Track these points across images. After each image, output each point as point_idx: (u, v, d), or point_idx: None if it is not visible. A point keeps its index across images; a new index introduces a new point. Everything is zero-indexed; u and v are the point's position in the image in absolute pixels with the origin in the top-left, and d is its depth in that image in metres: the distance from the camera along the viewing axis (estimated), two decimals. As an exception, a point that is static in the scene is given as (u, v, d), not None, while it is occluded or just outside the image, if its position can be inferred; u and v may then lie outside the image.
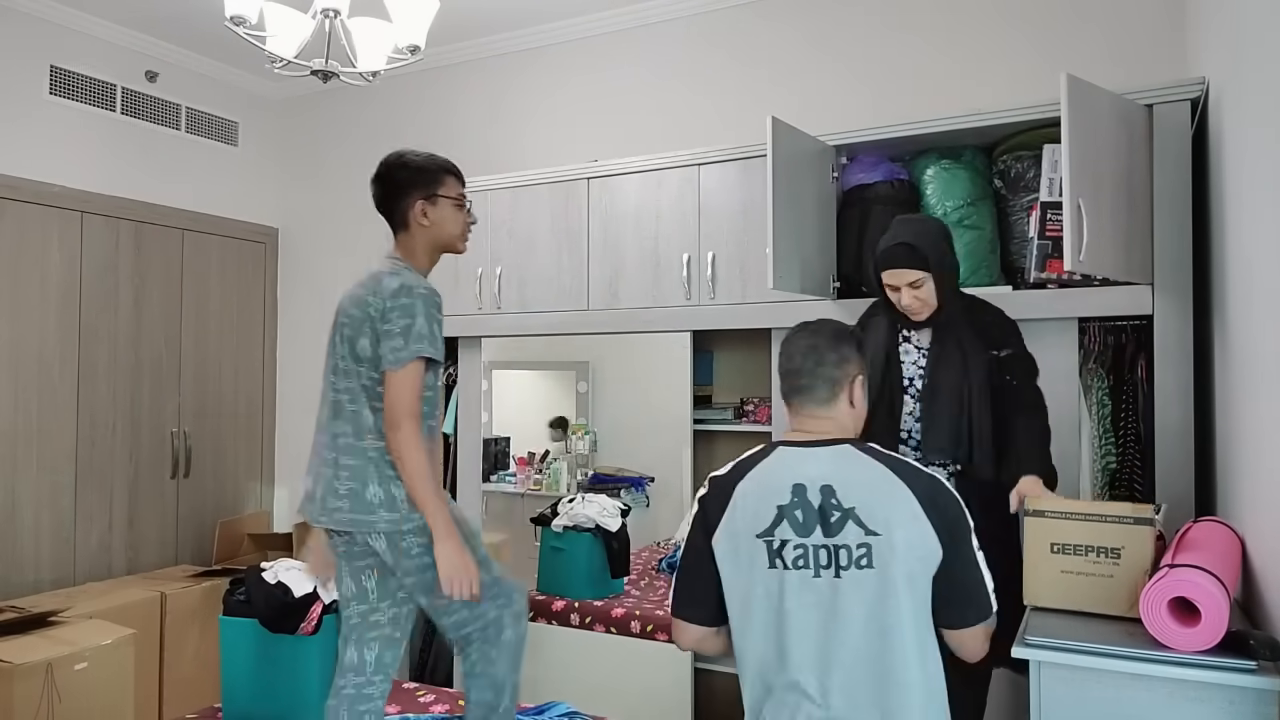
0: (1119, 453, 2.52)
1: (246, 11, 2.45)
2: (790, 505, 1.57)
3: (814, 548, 1.55)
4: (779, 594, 1.57)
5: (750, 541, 1.59)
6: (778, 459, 1.64)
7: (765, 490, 1.60)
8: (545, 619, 3.47)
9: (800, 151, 2.65)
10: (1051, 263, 2.46)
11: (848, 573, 1.53)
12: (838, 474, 1.58)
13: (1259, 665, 1.44)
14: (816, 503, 1.56)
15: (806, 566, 1.55)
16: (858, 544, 1.53)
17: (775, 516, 1.58)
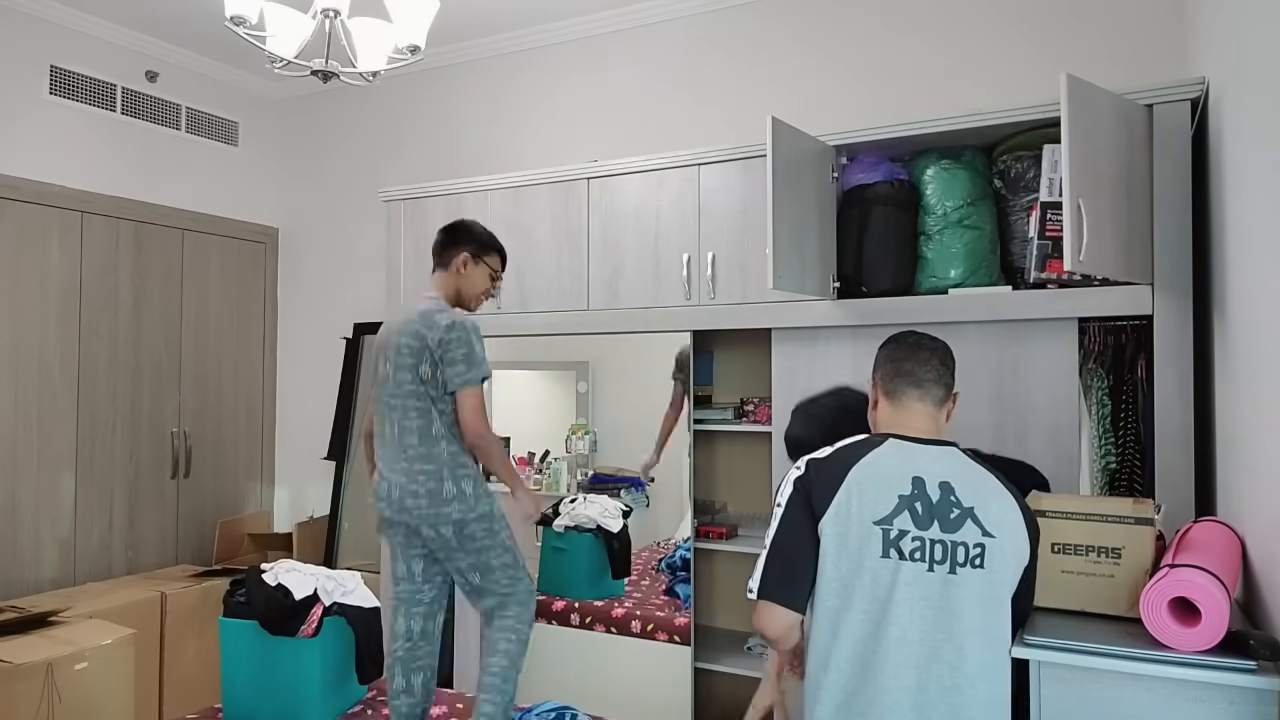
0: (1119, 453, 2.52)
1: (246, 11, 2.45)
2: (911, 496, 1.57)
3: (931, 541, 1.56)
4: (890, 584, 1.56)
5: (865, 527, 1.58)
6: (893, 450, 1.64)
7: (885, 478, 1.60)
8: (546, 619, 3.46)
9: (800, 151, 2.65)
10: (1051, 263, 2.45)
11: (963, 570, 1.55)
12: (955, 472, 1.60)
13: (1259, 665, 1.44)
14: (935, 498, 1.57)
15: (922, 559, 1.55)
16: (974, 543, 1.55)
17: (896, 505, 1.58)
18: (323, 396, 4.47)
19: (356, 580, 2.82)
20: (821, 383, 2.82)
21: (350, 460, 4.37)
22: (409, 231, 3.63)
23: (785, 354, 2.90)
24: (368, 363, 2.71)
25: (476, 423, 2.48)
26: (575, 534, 3.38)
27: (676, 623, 3.16)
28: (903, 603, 1.55)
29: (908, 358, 1.74)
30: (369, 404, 2.71)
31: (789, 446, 2.21)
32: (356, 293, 4.41)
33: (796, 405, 2.33)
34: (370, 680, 2.80)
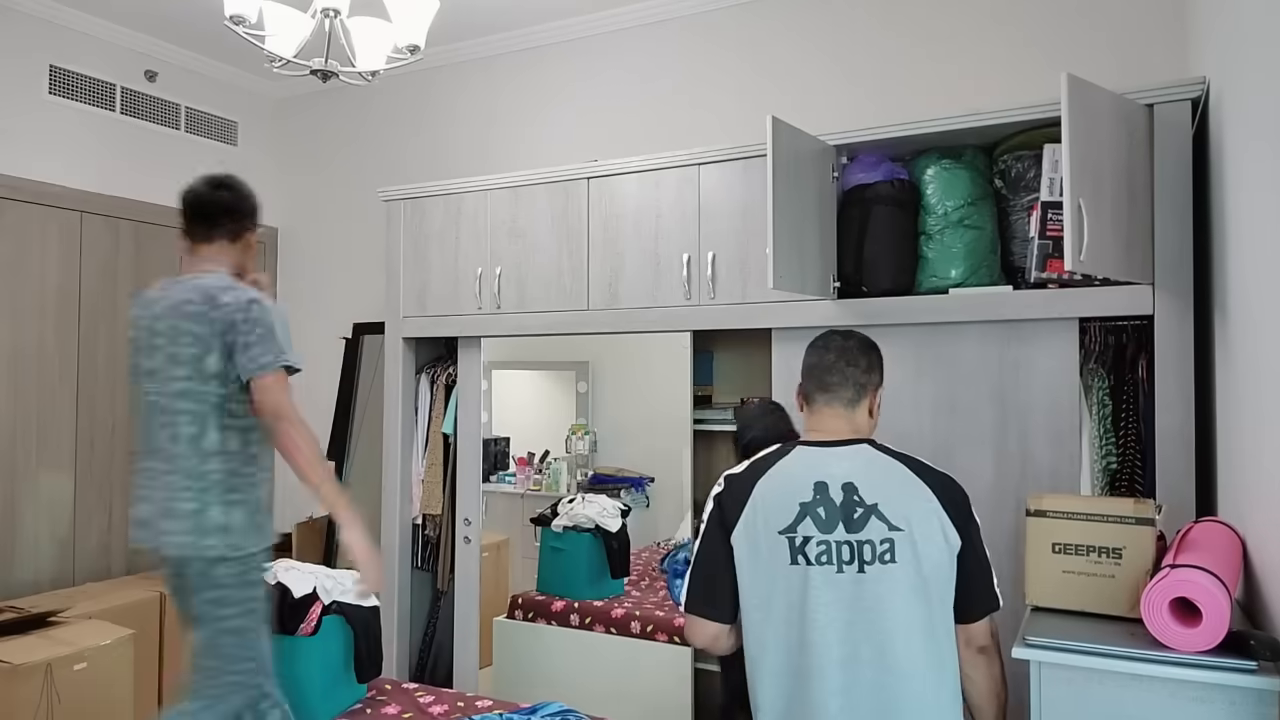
0: (1119, 453, 2.52)
1: (246, 11, 2.45)
2: (813, 502, 1.60)
3: (837, 544, 1.58)
4: (801, 590, 1.59)
5: (772, 538, 1.61)
6: (798, 457, 1.67)
7: (787, 487, 1.63)
8: (545, 619, 3.46)
9: (800, 151, 2.64)
10: (1052, 262, 2.45)
11: (871, 568, 1.57)
12: (858, 471, 1.63)
13: (1259, 666, 1.44)
14: (839, 500, 1.60)
15: (830, 563, 1.58)
16: (881, 539, 1.58)
17: (798, 513, 1.61)
18: (322, 396, 4.47)
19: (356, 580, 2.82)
20: (821, 383, 2.83)
21: (350, 460, 4.37)
22: (409, 231, 3.62)
23: (785, 354, 2.90)
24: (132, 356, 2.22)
25: (281, 406, 2.07)
26: (574, 534, 3.38)
27: (676, 623, 3.16)
28: (818, 607, 1.57)
29: (817, 363, 1.77)
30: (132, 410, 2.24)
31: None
32: (356, 293, 4.41)
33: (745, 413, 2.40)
34: (369, 679, 2.80)
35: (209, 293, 2.12)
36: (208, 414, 2.11)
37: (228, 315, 2.08)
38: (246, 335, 2.08)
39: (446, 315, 3.53)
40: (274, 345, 2.10)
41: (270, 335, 2.10)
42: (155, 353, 2.14)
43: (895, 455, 1.66)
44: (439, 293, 3.54)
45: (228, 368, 2.10)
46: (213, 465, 2.10)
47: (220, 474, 2.11)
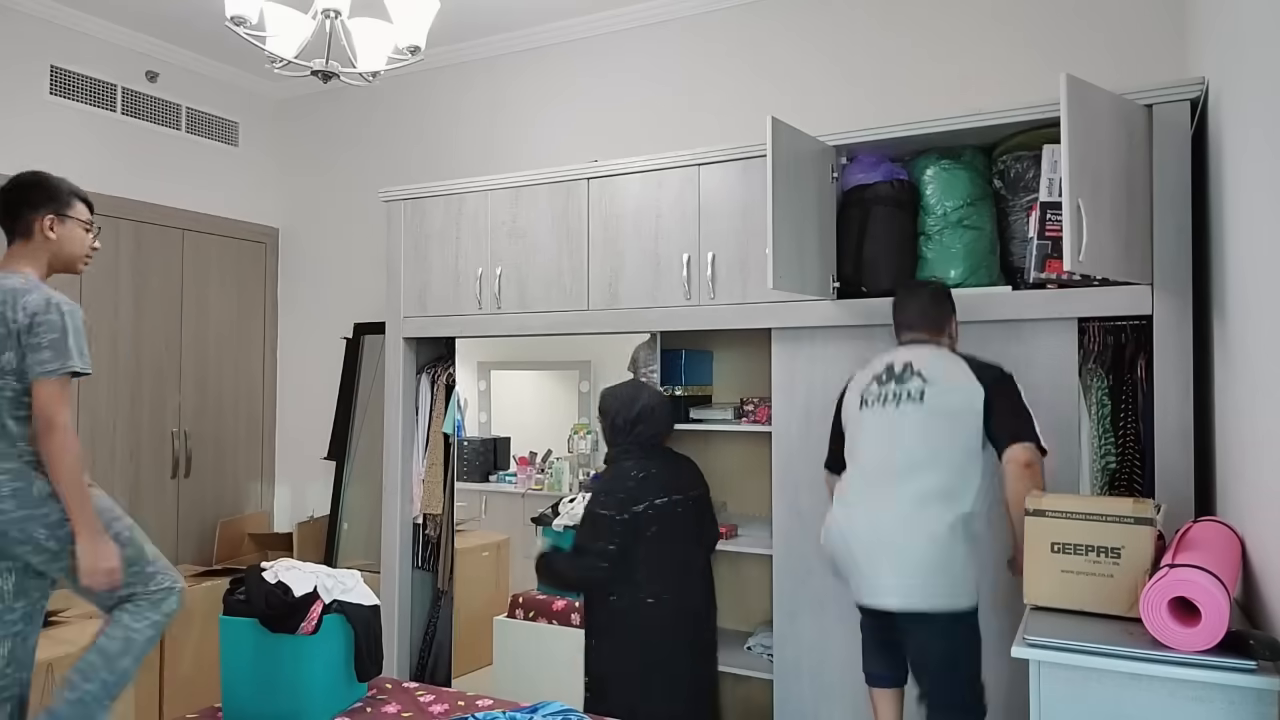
0: (1118, 453, 2.53)
1: (247, 11, 2.45)
2: (883, 373, 2.37)
3: (885, 392, 2.33)
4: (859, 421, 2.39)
5: (854, 408, 2.42)
6: (880, 355, 2.43)
7: (870, 368, 2.42)
8: (546, 619, 3.47)
9: (800, 151, 2.65)
10: (1051, 263, 2.46)
11: (908, 403, 2.27)
12: (920, 358, 2.33)
13: (1259, 665, 1.44)
14: (899, 370, 2.33)
15: (879, 403, 2.33)
16: (917, 390, 2.27)
17: (869, 380, 2.40)
18: (323, 396, 4.47)
19: (356, 578, 2.82)
20: (822, 382, 2.83)
21: (350, 460, 4.37)
22: (409, 231, 3.63)
23: (785, 354, 2.90)
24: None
25: (54, 413, 2.16)
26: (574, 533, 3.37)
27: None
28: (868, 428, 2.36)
29: (903, 316, 2.45)
30: None
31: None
32: (356, 293, 4.42)
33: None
34: (370, 678, 2.80)
35: (13, 293, 2.23)
36: (4, 406, 2.22)
37: (25, 317, 2.20)
38: (38, 338, 2.19)
39: (447, 315, 3.53)
40: (62, 352, 2.21)
41: (61, 342, 2.21)
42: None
43: (955, 351, 2.38)
44: (439, 293, 3.55)
45: (22, 366, 2.21)
46: (21, 448, 2.24)
47: (30, 455, 2.24)
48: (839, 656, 2.78)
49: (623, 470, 2.66)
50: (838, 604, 2.80)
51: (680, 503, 2.69)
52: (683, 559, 2.69)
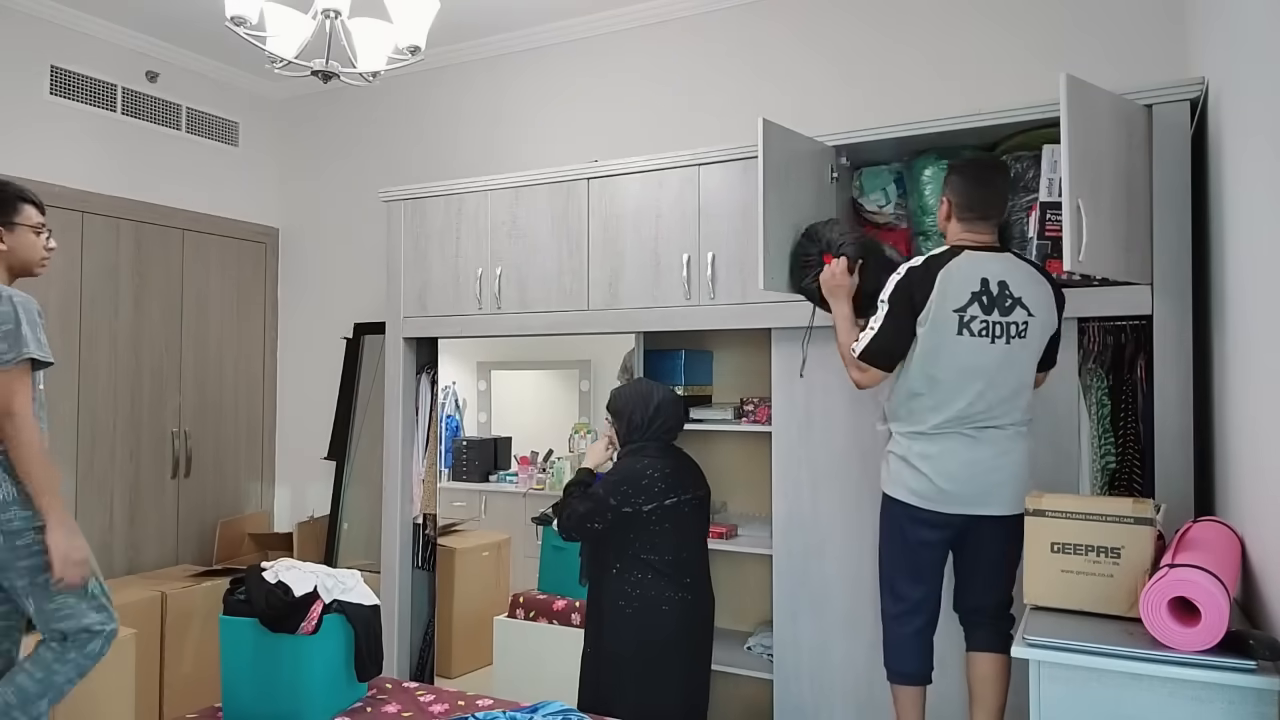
0: (1118, 453, 2.53)
1: (247, 12, 2.45)
2: (980, 291, 2.23)
3: (993, 323, 2.23)
4: (955, 351, 2.23)
5: (947, 314, 2.23)
6: (967, 259, 2.26)
7: (962, 278, 2.23)
8: (546, 619, 3.47)
9: (796, 152, 2.65)
10: (1051, 263, 2.46)
11: (1015, 340, 2.23)
12: (1008, 274, 2.25)
13: (1259, 665, 1.44)
14: (996, 292, 2.23)
15: (984, 335, 2.22)
16: (1022, 321, 2.23)
17: (969, 298, 2.22)
18: (323, 396, 4.48)
19: (356, 578, 2.82)
20: (821, 382, 2.83)
21: (350, 460, 4.37)
22: (409, 231, 3.63)
23: (785, 354, 2.90)
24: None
25: (8, 399, 2.17)
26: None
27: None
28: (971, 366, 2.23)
29: (977, 190, 2.31)
30: None
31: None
32: (356, 293, 4.42)
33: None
34: (370, 678, 2.80)
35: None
36: None
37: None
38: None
39: (447, 315, 3.53)
40: (16, 342, 2.22)
41: (15, 332, 2.22)
42: None
43: (1028, 261, 2.33)
44: (440, 293, 3.55)
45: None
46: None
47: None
48: (839, 656, 2.78)
49: (640, 467, 2.63)
50: (838, 604, 2.80)
51: (688, 502, 2.69)
52: (688, 558, 2.69)
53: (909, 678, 2.39)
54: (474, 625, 3.72)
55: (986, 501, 2.26)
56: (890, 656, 2.42)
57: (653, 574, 2.62)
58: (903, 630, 2.39)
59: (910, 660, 2.39)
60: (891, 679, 2.42)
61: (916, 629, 2.38)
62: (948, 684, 2.52)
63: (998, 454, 2.26)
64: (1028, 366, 2.28)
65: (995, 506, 2.26)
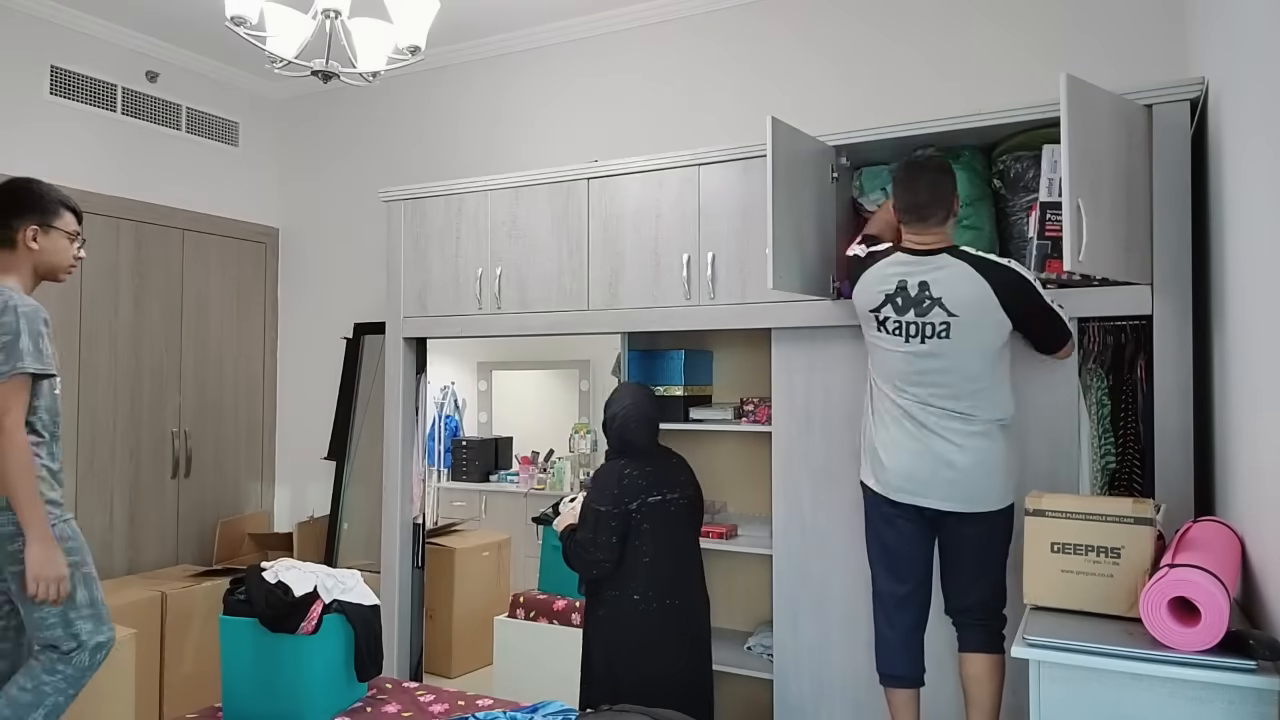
0: (1118, 453, 2.53)
1: (247, 12, 2.45)
2: (896, 293, 2.32)
3: (907, 323, 2.29)
4: (883, 348, 2.36)
5: (866, 314, 2.39)
6: (890, 262, 2.36)
7: (877, 280, 2.36)
8: (547, 618, 3.47)
9: (800, 151, 2.65)
10: (1051, 263, 2.46)
11: (936, 340, 2.27)
12: (933, 274, 2.28)
13: (1259, 665, 1.44)
14: (914, 293, 2.29)
15: (898, 334, 2.31)
16: (940, 322, 2.26)
17: (882, 301, 2.34)
18: (323, 396, 4.48)
19: (356, 578, 2.82)
20: (821, 382, 2.83)
21: (350, 460, 4.37)
22: (409, 232, 3.63)
23: (785, 354, 2.90)
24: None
25: (1, 409, 2.16)
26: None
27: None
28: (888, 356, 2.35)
29: (913, 198, 2.34)
30: None
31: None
32: (356, 293, 4.42)
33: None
34: (370, 678, 2.80)
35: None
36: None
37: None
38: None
39: (447, 315, 3.53)
40: (12, 355, 2.19)
41: (13, 344, 2.20)
42: None
43: (965, 257, 2.29)
44: (440, 293, 3.55)
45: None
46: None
47: None
48: (839, 656, 2.78)
49: (616, 468, 2.66)
50: (838, 604, 2.80)
51: (674, 501, 2.70)
52: (676, 557, 2.69)
53: (898, 680, 2.41)
54: (474, 625, 3.72)
55: (937, 495, 2.30)
56: (879, 659, 2.44)
57: (643, 575, 2.61)
58: (890, 631, 2.41)
59: (899, 663, 2.40)
60: (882, 682, 2.43)
61: (903, 630, 2.38)
62: (946, 687, 2.53)
63: (950, 448, 2.28)
64: (972, 364, 2.28)
65: (951, 502, 2.29)
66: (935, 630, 2.45)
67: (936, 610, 2.45)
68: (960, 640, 2.39)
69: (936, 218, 2.34)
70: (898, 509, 2.37)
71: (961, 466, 2.27)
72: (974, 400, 2.29)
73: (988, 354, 2.29)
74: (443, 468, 3.80)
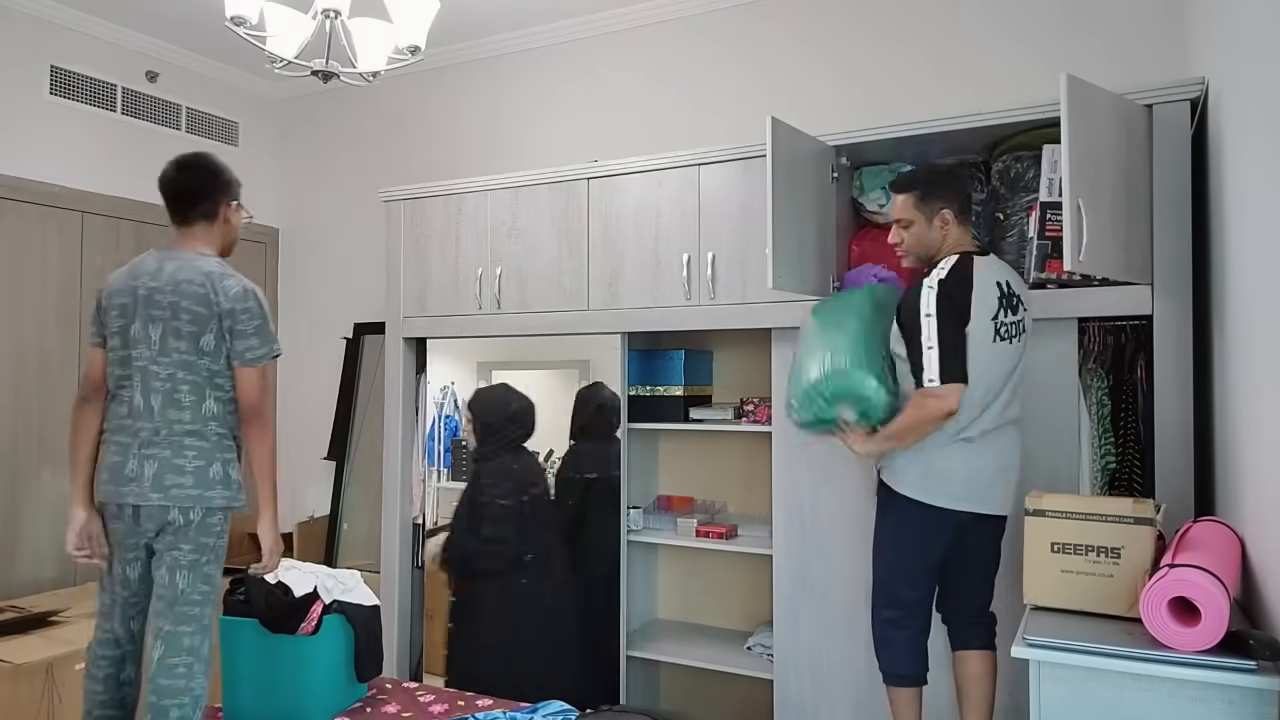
0: (1118, 453, 2.53)
1: (247, 12, 2.45)
2: (1002, 296, 2.24)
3: (1011, 323, 2.26)
4: (992, 356, 2.22)
5: (986, 322, 2.22)
6: (983, 264, 2.27)
7: (988, 286, 2.23)
8: (545, 619, 3.47)
9: (800, 152, 2.65)
10: (1051, 263, 2.46)
11: (1018, 339, 2.27)
12: (1005, 274, 2.30)
13: (1259, 665, 1.44)
14: (1008, 292, 2.26)
15: (1007, 338, 2.25)
16: (1020, 320, 2.28)
17: (998, 306, 2.23)
18: (323, 396, 4.47)
19: (356, 579, 2.82)
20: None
21: (350, 460, 4.37)
22: (409, 232, 3.63)
23: (785, 354, 2.90)
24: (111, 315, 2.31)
25: (262, 401, 2.31)
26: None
27: (676, 622, 3.16)
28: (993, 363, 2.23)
29: (970, 194, 2.39)
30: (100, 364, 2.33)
31: None
32: (356, 293, 4.42)
33: None
34: (370, 678, 2.80)
35: (210, 277, 2.29)
36: (203, 384, 2.29)
37: (228, 303, 2.27)
38: (245, 325, 2.29)
39: (447, 315, 3.53)
40: (267, 339, 2.34)
41: (265, 329, 2.33)
42: (153, 323, 2.27)
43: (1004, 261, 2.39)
44: (439, 293, 3.55)
45: (221, 348, 2.29)
46: (211, 428, 2.30)
47: (216, 436, 2.31)
48: (839, 656, 2.78)
49: (505, 463, 3.04)
50: (838, 604, 2.80)
51: (545, 492, 3.16)
52: (550, 540, 3.14)
53: (907, 680, 2.39)
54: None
55: (991, 500, 2.28)
56: (887, 660, 2.41)
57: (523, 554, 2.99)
58: (901, 634, 2.38)
59: (909, 663, 2.38)
60: (888, 681, 2.42)
61: (915, 633, 2.38)
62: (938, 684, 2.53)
63: (1003, 452, 2.29)
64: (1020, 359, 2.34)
65: (999, 505, 2.29)
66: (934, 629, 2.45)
67: (936, 610, 2.45)
68: (959, 639, 2.39)
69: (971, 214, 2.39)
70: (952, 522, 2.27)
71: (1016, 467, 2.32)
72: (1016, 414, 2.33)
73: None
74: (443, 468, 3.80)
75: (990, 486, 2.28)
